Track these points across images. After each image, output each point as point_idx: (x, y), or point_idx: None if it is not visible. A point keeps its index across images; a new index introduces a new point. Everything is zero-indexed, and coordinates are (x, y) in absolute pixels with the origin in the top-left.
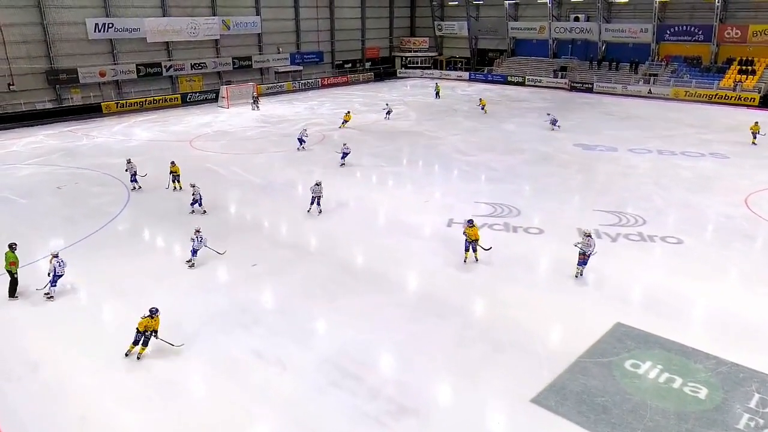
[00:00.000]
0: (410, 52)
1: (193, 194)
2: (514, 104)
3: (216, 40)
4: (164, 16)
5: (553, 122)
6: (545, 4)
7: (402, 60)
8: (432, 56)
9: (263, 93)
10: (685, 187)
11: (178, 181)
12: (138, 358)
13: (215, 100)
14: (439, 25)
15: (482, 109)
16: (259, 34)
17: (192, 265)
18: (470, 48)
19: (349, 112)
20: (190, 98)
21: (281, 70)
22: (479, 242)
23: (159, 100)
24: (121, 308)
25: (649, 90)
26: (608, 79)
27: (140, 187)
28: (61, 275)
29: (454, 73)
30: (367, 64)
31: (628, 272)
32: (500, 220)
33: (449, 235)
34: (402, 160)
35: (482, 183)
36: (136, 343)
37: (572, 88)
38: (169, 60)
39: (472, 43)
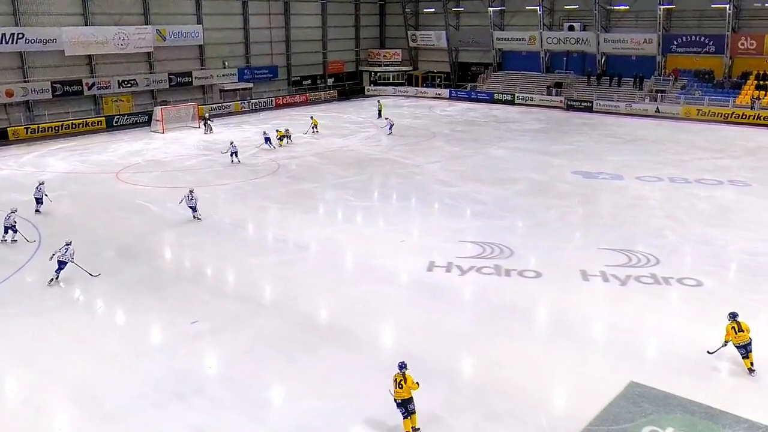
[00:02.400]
0: (380, 66)
1: (190, 199)
2: (503, 126)
3: (149, 53)
4: (87, 24)
5: (390, 126)
6: (535, 11)
7: (371, 75)
8: (406, 71)
9: (204, 115)
10: (702, 221)
11: None
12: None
13: (148, 123)
14: (413, 35)
15: (314, 129)
16: (200, 45)
17: (52, 282)
18: (450, 61)
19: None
20: (117, 122)
21: (227, 87)
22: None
23: (79, 124)
24: (29, 380)
25: (657, 109)
26: (609, 96)
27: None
28: None
29: (432, 91)
30: (330, 81)
31: (642, 321)
32: (490, 262)
33: (430, 282)
34: (373, 192)
35: (467, 219)
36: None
37: (569, 107)
38: (92, 77)
39: (452, 55)
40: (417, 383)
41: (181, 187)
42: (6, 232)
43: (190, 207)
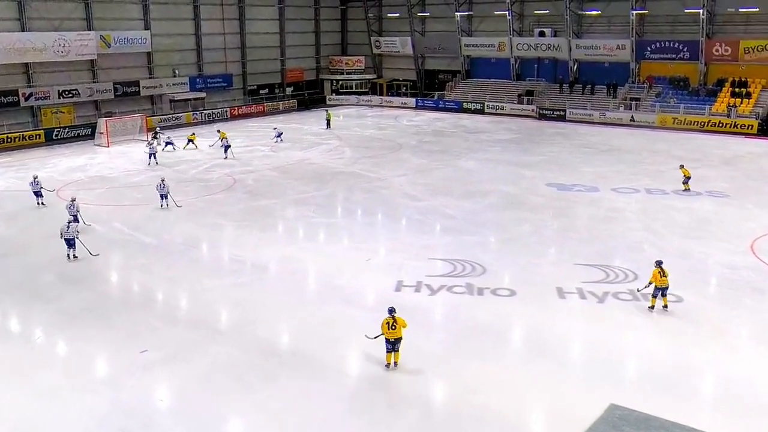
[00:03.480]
0: (342, 74)
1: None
2: (472, 136)
3: (92, 60)
4: (23, 30)
5: (279, 135)
6: (504, 16)
7: (332, 84)
8: (369, 79)
9: (154, 127)
10: (680, 233)
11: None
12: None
13: (91, 137)
14: (376, 41)
15: (225, 149)
16: (148, 52)
17: (70, 259)
18: (416, 69)
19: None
20: (57, 135)
21: (178, 97)
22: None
23: (15, 137)
24: None
25: (632, 117)
26: (583, 105)
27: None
28: None
29: (397, 100)
30: (289, 90)
31: (620, 340)
32: (461, 280)
33: (398, 302)
34: (336, 208)
35: (437, 234)
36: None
37: (541, 116)
38: (29, 86)
39: (419, 63)
40: (406, 322)
41: (128, 205)
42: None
43: (162, 195)
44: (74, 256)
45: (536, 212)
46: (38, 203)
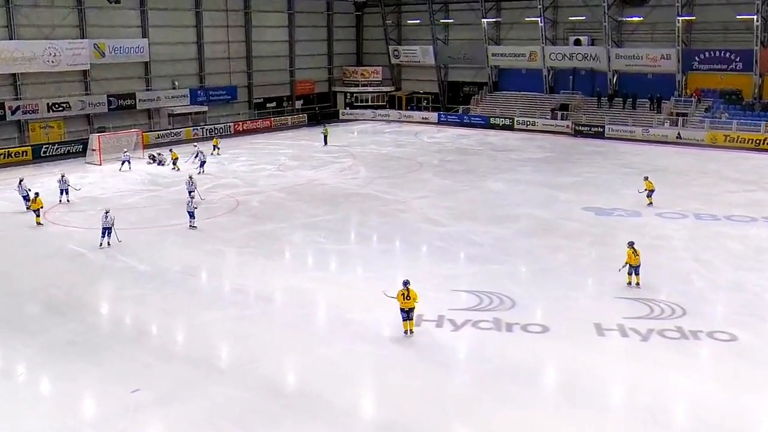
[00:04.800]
0: (357, 86)
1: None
2: (500, 155)
3: (85, 71)
4: (11, 38)
5: (201, 164)
6: (536, 23)
7: (346, 97)
8: (387, 92)
9: (152, 144)
10: (734, 264)
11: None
12: None
13: (82, 154)
14: (395, 50)
15: (215, 150)
16: (146, 62)
17: (102, 246)
18: (439, 81)
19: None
20: (45, 151)
21: (178, 111)
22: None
23: (0, 154)
24: None
25: (678, 134)
26: (623, 120)
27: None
28: None
29: (417, 114)
30: (299, 103)
31: (666, 383)
32: (488, 314)
33: (417, 339)
34: (349, 233)
35: (461, 263)
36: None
37: (577, 133)
38: (17, 99)
39: (441, 74)
40: (417, 296)
41: (121, 229)
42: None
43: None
44: (108, 244)
45: (572, 239)
46: (61, 200)
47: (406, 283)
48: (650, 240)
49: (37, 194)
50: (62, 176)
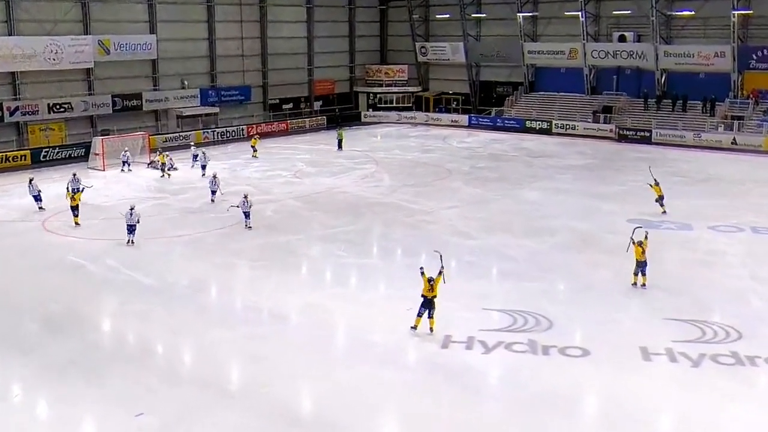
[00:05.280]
0: (381, 86)
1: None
2: (537, 161)
3: (88, 69)
4: (10, 34)
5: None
6: (577, 18)
7: (369, 98)
8: (413, 92)
9: (159, 147)
10: None
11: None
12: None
13: (85, 158)
14: (422, 47)
15: (254, 152)
16: (153, 60)
17: (128, 243)
18: (469, 80)
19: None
20: (45, 156)
21: (187, 113)
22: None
23: None
24: None
25: (733, 139)
26: (672, 124)
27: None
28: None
29: (446, 117)
30: (317, 104)
31: (720, 414)
32: (522, 336)
33: (445, 363)
34: (371, 246)
35: (493, 280)
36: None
37: (621, 138)
38: (15, 99)
39: (472, 73)
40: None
41: (122, 240)
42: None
43: (245, 213)
44: (132, 242)
45: (615, 255)
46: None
47: (431, 280)
48: (702, 255)
49: (75, 190)
50: (74, 175)
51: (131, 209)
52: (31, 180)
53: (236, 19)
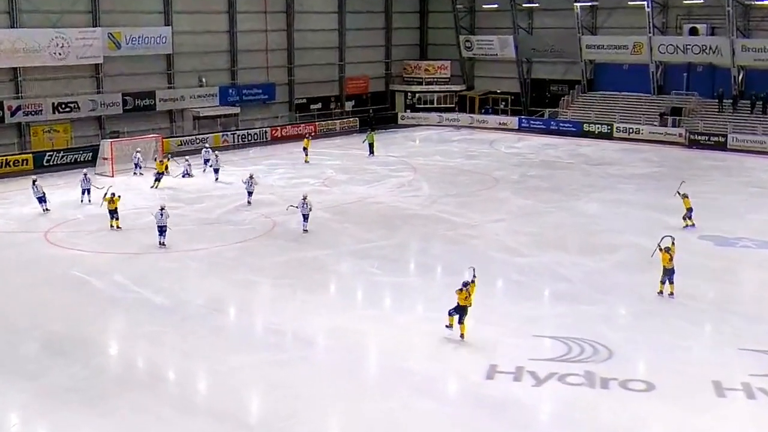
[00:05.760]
0: (420, 84)
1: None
2: (596, 170)
3: (97, 65)
4: (12, 26)
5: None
6: (642, 8)
7: (407, 97)
8: (456, 91)
9: (175, 152)
10: None
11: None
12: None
13: (92, 163)
14: (467, 41)
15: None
16: (168, 55)
17: (160, 246)
18: (520, 78)
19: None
20: (49, 160)
21: (204, 113)
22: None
23: None
24: None
25: None
26: (751, 128)
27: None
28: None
29: (493, 119)
30: (349, 104)
31: None
32: (578, 366)
33: (490, 395)
34: (407, 263)
35: (545, 303)
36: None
37: (692, 143)
38: (17, 97)
39: (523, 69)
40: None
41: (134, 254)
42: (161, 233)
43: (304, 216)
44: (163, 244)
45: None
46: (82, 201)
47: (466, 284)
48: None
49: (114, 194)
50: (85, 175)
51: (161, 209)
52: (34, 181)
53: (260, 9)
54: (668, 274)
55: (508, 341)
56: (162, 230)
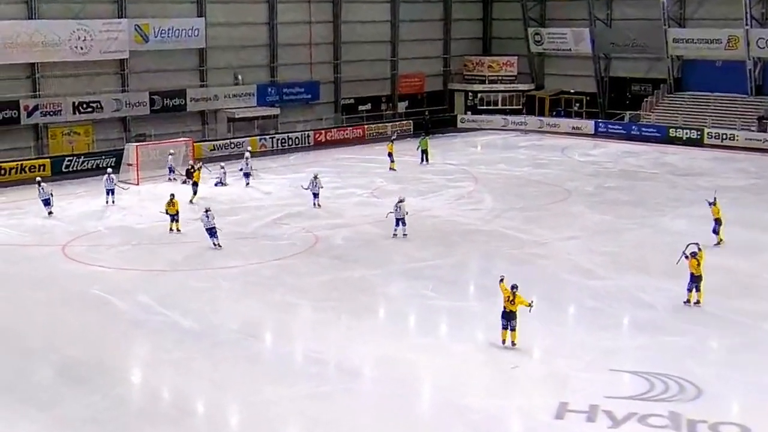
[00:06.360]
0: (483, 83)
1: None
2: (683, 181)
3: (122, 60)
4: (30, 17)
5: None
6: None
7: (467, 98)
8: (524, 91)
9: (206, 158)
10: None
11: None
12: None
13: (116, 169)
14: (536, 34)
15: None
16: (201, 50)
17: (215, 247)
18: (597, 76)
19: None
20: (68, 166)
21: (240, 115)
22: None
23: (11, 169)
24: None
25: None
26: None
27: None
28: None
29: (566, 122)
30: (402, 106)
31: None
32: (662, 406)
33: None
34: (466, 285)
35: (624, 332)
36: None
37: None
38: (34, 96)
39: (601, 67)
40: (529, 302)
41: (160, 271)
42: (212, 235)
43: (399, 220)
44: (218, 245)
45: None
46: (107, 202)
47: (514, 287)
48: None
49: (173, 195)
50: (108, 174)
51: (206, 211)
52: (39, 182)
53: None
54: (696, 281)
55: (581, 376)
56: (212, 232)
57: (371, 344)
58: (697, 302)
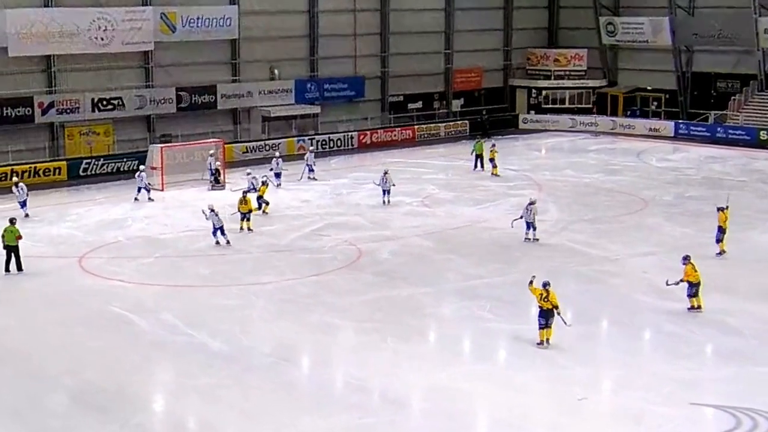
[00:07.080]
0: (548, 78)
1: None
2: None
3: (146, 52)
4: (46, 5)
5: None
6: None
7: (530, 95)
8: (595, 88)
9: (238, 161)
10: None
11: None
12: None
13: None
14: (609, 23)
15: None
16: (233, 41)
17: (226, 244)
18: (677, 72)
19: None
20: (86, 169)
21: (276, 113)
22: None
23: (24, 172)
24: None
25: None
26: None
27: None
28: None
29: (641, 123)
30: (457, 104)
31: None
32: None
33: None
34: (527, 306)
35: (707, 361)
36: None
37: None
38: (50, 92)
39: (681, 61)
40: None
41: (187, 287)
42: (222, 233)
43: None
44: (228, 242)
45: None
46: (137, 198)
47: (546, 284)
48: None
49: (245, 192)
50: (140, 171)
51: (211, 210)
52: (17, 183)
53: None
54: (695, 287)
55: (658, 410)
56: (222, 230)
57: (420, 372)
58: (698, 307)
